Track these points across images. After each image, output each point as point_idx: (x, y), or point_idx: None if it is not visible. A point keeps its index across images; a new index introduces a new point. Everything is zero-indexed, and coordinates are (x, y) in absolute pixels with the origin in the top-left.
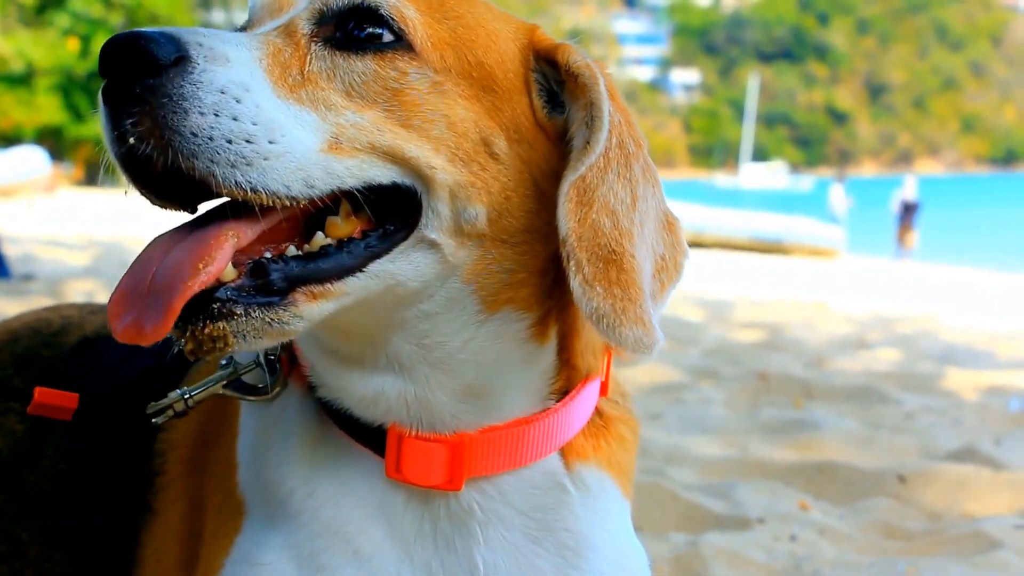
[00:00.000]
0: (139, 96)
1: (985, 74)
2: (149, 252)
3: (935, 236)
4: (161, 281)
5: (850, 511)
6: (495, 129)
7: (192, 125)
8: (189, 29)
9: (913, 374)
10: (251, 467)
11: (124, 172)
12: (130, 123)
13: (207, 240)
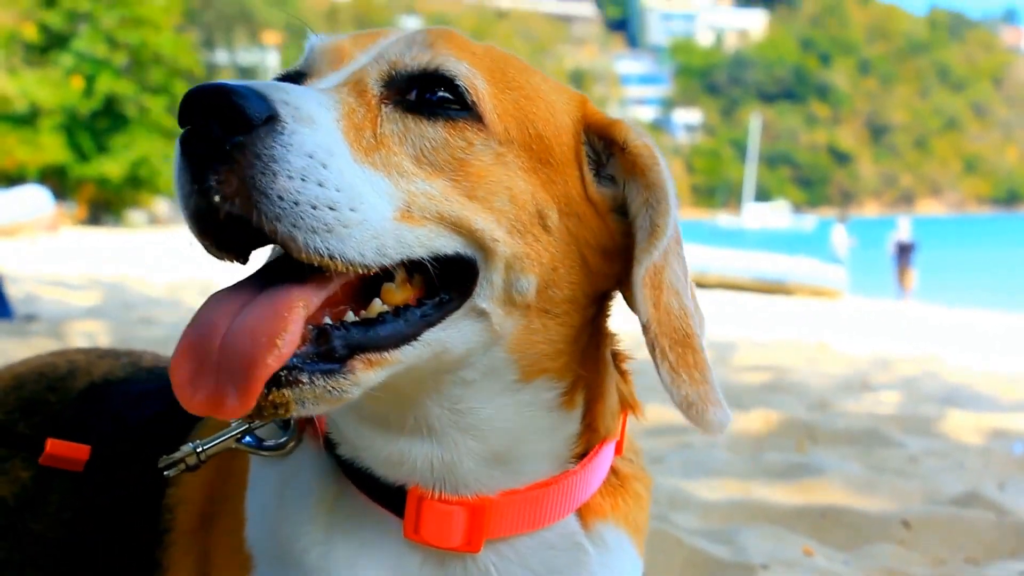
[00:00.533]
0: (228, 154)
1: (987, 115)
2: (213, 314)
3: (937, 277)
4: (237, 353)
5: (855, 556)
6: (549, 201)
7: (280, 188)
8: (271, 85)
9: (916, 416)
10: (261, 522)
11: (193, 224)
12: (215, 180)
13: (279, 309)
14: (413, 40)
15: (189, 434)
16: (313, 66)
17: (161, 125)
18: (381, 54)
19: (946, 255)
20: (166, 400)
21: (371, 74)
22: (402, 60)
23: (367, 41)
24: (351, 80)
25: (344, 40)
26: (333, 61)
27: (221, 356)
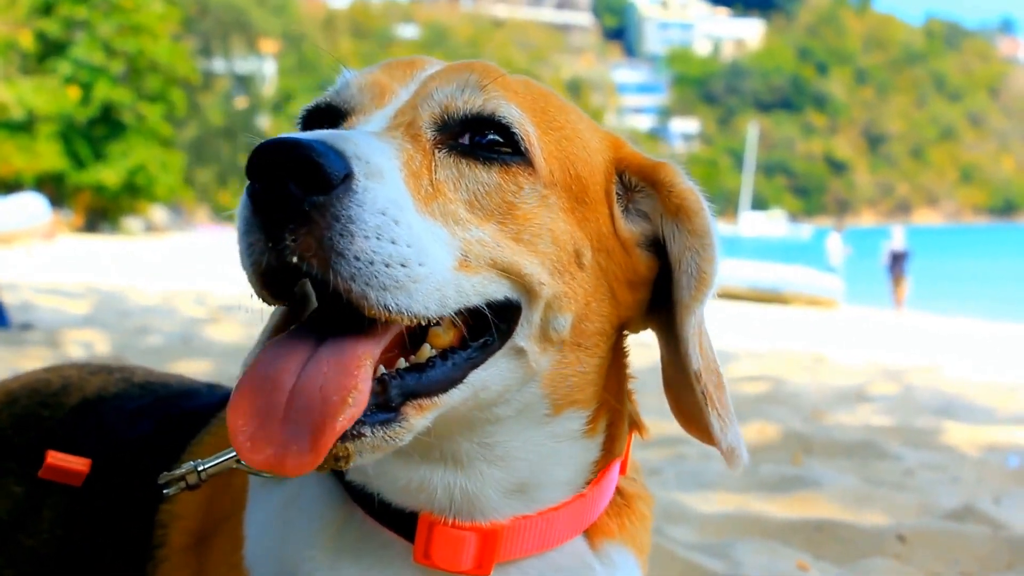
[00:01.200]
0: (306, 214)
1: (983, 125)
2: (275, 368)
3: (934, 286)
4: (306, 412)
5: (849, 571)
6: (584, 240)
7: (356, 249)
8: (339, 136)
9: (912, 428)
10: (262, 543)
11: (257, 277)
12: (292, 240)
13: (348, 366)
14: (465, 82)
15: (182, 453)
16: (353, 102)
17: (158, 133)
18: (430, 94)
19: (942, 265)
20: (158, 418)
21: (423, 116)
22: (454, 103)
23: (403, 74)
24: (403, 122)
25: (379, 74)
26: (375, 96)
27: (288, 413)
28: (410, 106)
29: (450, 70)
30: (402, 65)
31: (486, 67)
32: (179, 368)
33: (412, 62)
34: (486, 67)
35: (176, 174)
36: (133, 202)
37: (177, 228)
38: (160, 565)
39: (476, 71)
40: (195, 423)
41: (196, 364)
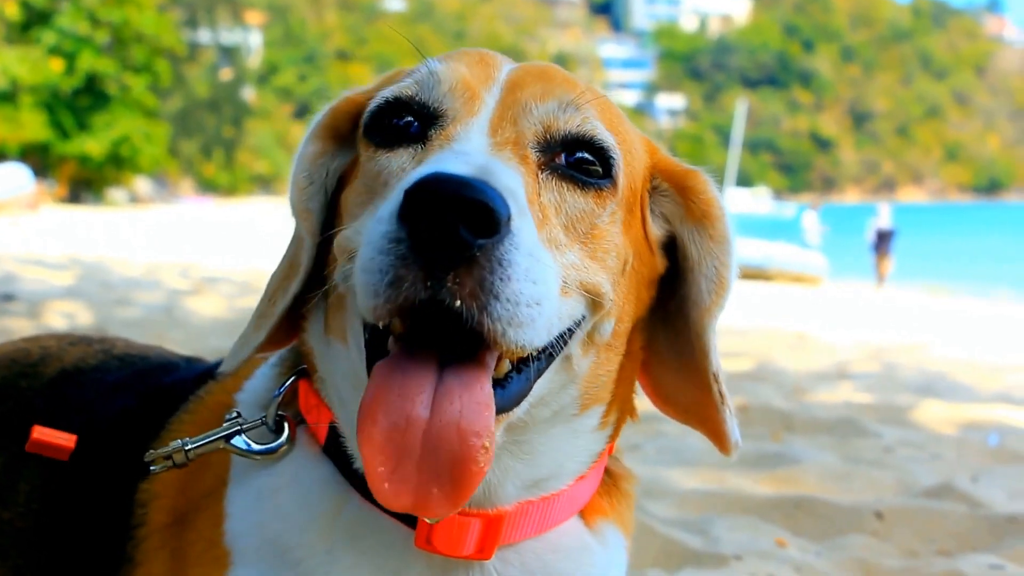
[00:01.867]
0: (472, 257)
1: (969, 103)
2: (406, 397)
3: (918, 264)
4: (446, 454)
5: (827, 548)
6: (630, 248)
7: (510, 291)
8: (488, 168)
9: (892, 406)
10: (246, 521)
11: (399, 308)
12: (452, 282)
13: (479, 402)
14: (565, 100)
15: (161, 430)
16: (444, 104)
17: (143, 104)
18: (528, 109)
19: (927, 243)
20: (137, 392)
21: (527, 135)
22: (556, 123)
23: (484, 74)
24: (508, 139)
25: (463, 70)
26: (466, 101)
27: (425, 455)
28: (508, 120)
29: (531, 76)
30: (477, 61)
31: (566, 77)
32: (162, 340)
33: (483, 58)
34: (566, 77)
35: (160, 145)
36: (117, 173)
37: (161, 200)
38: (140, 544)
39: (569, 84)
40: (174, 399)
41: (179, 336)
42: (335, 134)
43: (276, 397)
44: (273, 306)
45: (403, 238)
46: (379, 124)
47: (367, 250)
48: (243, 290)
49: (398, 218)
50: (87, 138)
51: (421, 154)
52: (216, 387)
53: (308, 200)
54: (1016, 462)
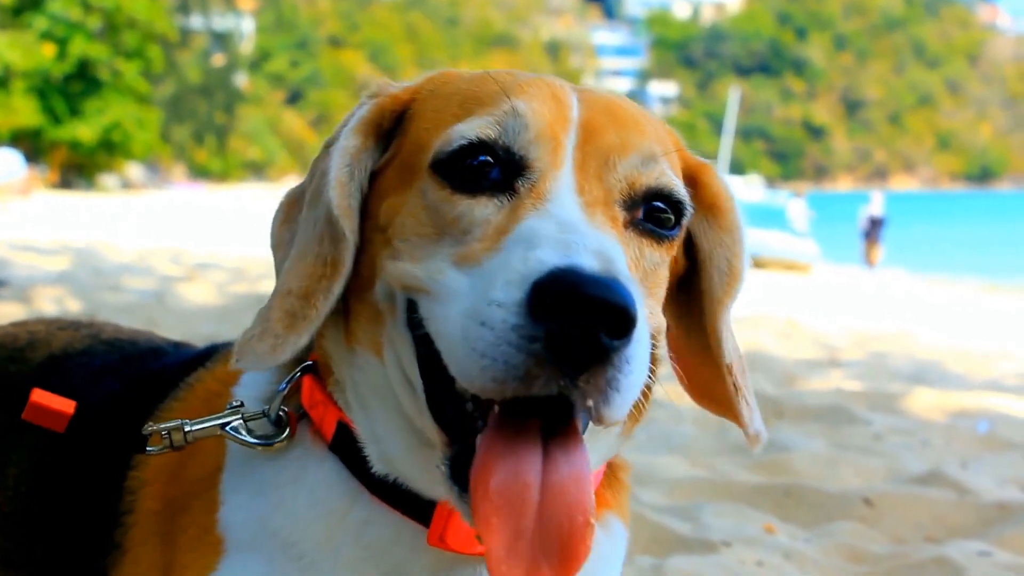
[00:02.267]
0: (608, 359)
1: (961, 92)
2: (519, 477)
3: (910, 252)
4: (555, 533)
5: (816, 535)
6: (669, 260)
7: (629, 384)
8: (611, 258)
9: (883, 393)
10: (242, 510)
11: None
12: (585, 381)
13: (583, 480)
14: (648, 155)
15: (149, 416)
16: (531, 153)
17: (135, 89)
18: (612, 165)
19: (918, 231)
20: (125, 377)
21: (614, 194)
22: (639, 179)
23: (559, 112)
24: (597, 199)
25: (545, 113)
26: (552, 149)
27: (537, 532)
28: (593, 175)
29: (604, 117)
30: (551, 97)
31: (634, 116)
32: (153, 326)
33: (555, 93)
34: (634, 116)
35: (153, 131)
36: (109, 159)
37: (153, 185)
38: (129, 531)
39: (639, 131)
40: (162, 385)
41: (170, 322)
42: (377, 130)
43: (281, 391)
44: (314, 308)
45: (539, 337)
46: (455, 164)
47: (484, 332)
48: (235, 276)
49: (531, 315)
50: (79, 124)
51: (511, 209)
52: (206, 375)
53: (350, 197)
54: (1005, 449)
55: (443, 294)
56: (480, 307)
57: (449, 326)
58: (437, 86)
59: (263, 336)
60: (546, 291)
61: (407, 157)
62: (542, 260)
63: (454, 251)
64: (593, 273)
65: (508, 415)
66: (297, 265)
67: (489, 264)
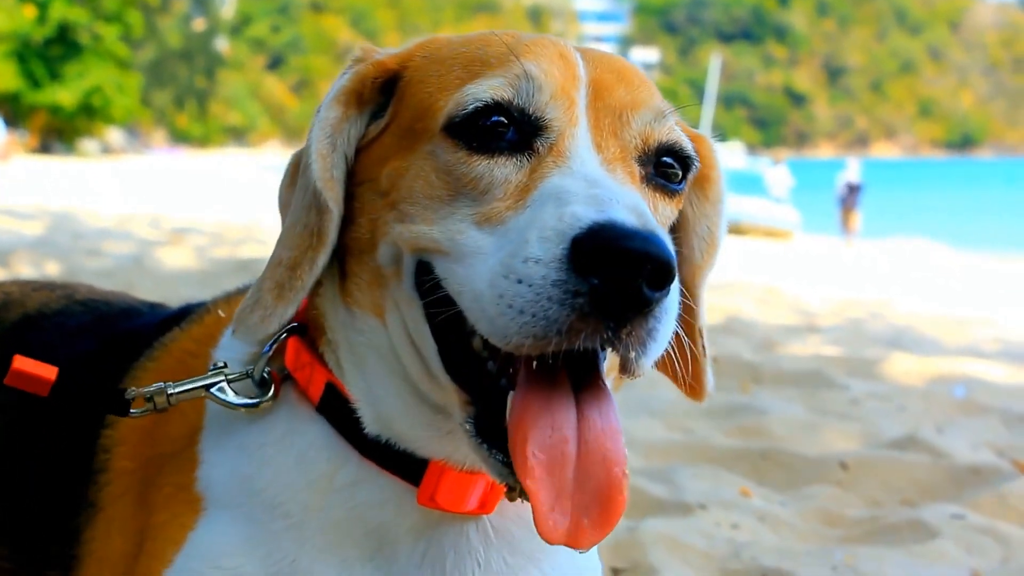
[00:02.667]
0: (649, 310)
1: (943, 59)
2: (554, 437)
3: (889, 219)
4: (594, 487)
5: (792, 498)
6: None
7: (666, 334)
8: (644, 212)
9: (860, 359)
10: (223, 470)
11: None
12: (627, 332)
13: (615, 433)
14: (658, 111)
15: (124, 375)
16: (548, 114)
17: (115, 54)
18: (627, 121)
19: (899, 197)
20: (99, 337)
21: (629, 149)
22: (652, 135)
23: (568, 71)
24: (615, 156)
25: (556, 74)
26: (566, 108)
27: (577, 487)
28: (608, 131)
29: (611, 76)
30: (559, 57)
31: (639, 74)
32: (131, 291)
33: (562, 53)
34: (639, 74)
35: (133, 96)
36: (89, 123)
37: (133, 150)
38: (103, 489)
39: (645, 89)
40: (137, 344)
41: (149, 287)
42: (359, 98)
43: (266, 352)
44: (299, 278)
45: (583, 292)
46: (470, 125)
47: (521, 289)
48: (215, 241)
49: (573, 270)
50: (59, 88)
51: (531, 168)
52: (181, 335)
53: (332, 167)
54: (981, 414)
55: (465, 253)
56: (515, 264)
57: (477, 284)
58: (431, 51)
59: (255, 307)
60: (588, 246)
61: (408, 122)
62: (578, 216)
63: (474, 211)
64: (634, 227)
65: (538, 371)
66: (287, 235)
67: (516, 222)
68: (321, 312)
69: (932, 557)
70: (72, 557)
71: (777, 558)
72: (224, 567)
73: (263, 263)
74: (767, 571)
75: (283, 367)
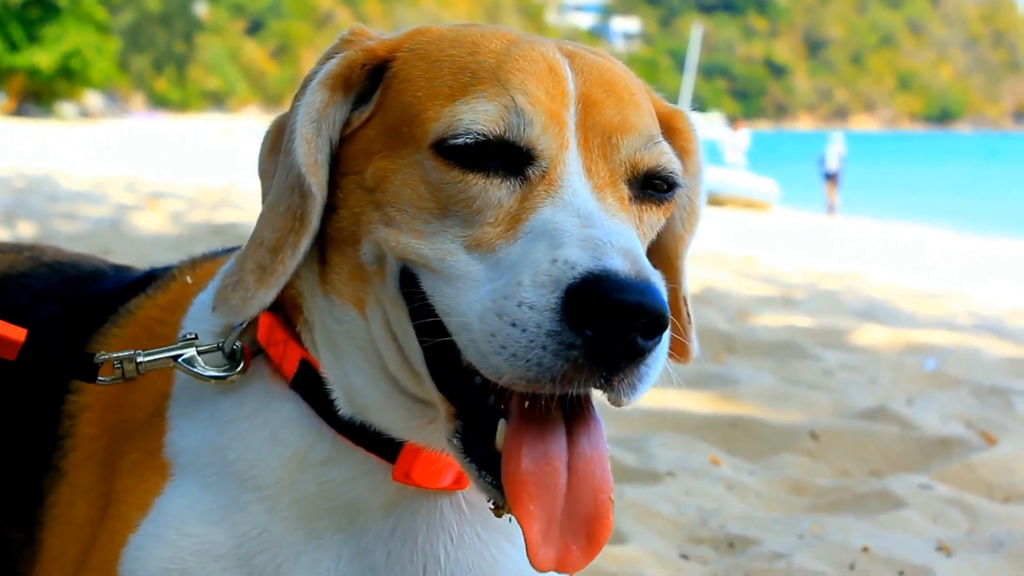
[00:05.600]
0: (641, 358)
1: (923, 32)
2: (547, 463)
3: (868, 192)
4: (582, 514)
5: (761, 467)
6: None
7: (656, 373)
8: (639, 259)
9: (834, 330)
10: (194, 438)
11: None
12: (619, 379)
13: (603, 461)
14: (648, 137)
15: (89, 340)
16: (539, 145)
17: (93, 17)
18: (616, 146)
19: (878, 171)
20: (64, 300)
21: (618, 173)
22: (641, 160)
23: (557, 90)
24: (605, 182)
25: (544, 99)
26: (557, 134)
27: (566, 515)
28: (598, 154)
29: (600, 90)
30: (547, 73)
31: (629, 86)
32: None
33: (551, 68)
34: (629, 86)
35: (111, 59)
36: (67, 87)
37: (112, 115)
38: (68, 455)
39: (636, 107)
40: (102, 308)
41: (124, 250)
42: (346, 83)
43: (238, 327)
44: (281, 262)
45: (577, 345)
46: (461, 150)
47: (514, 332)
48: (191, 205)
49: (567, 322)
50: (37, 50)
51: (522, 195)
52: (147, 302)
53: (317, 152)
54: (951, 386)
55: (454, 276)
56: (508, 306)
57: (466, 313)
58: (421, 45)
59: (236, 287)
60: (582, 298)
61: (394, 121)
62: (573, 264)
63: (464, 233)
64: (628, 278)
65: (531, 400)
66: (270, 214)
67: (508, 254)
68: (300, 293)
69: (898, 527)
70: (36, 520)
71: (744, 526)
72: (191, 534)
73: (239, 228)
74: (733, 539)
75: (255, 341)
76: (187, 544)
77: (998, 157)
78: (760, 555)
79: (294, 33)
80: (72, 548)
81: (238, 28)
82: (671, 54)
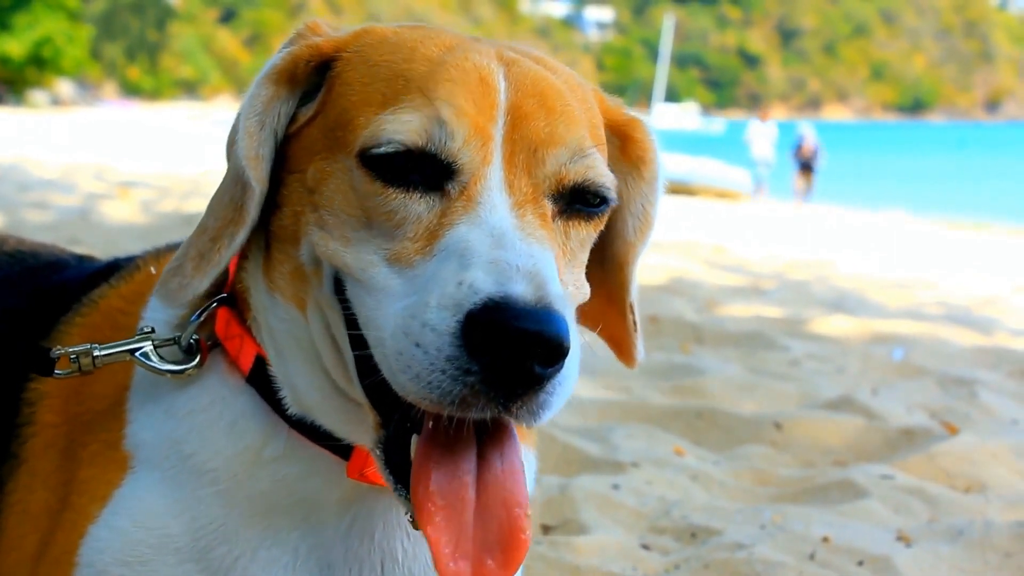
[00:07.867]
0: (541, 385)
1: (896, 22)
2: (455, 479)
3: (840, 182)
4: (495, 527)
5: (725, 457)
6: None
7: (560, 400)
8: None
9: (802, 320)
10: (153, 431)
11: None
12: (519, 406)
13: (517, 474)
14: (575, 150)
15: (51, 330)
16: (461, 159)
17: (65, 4)
18: (541, 160)
19: (850, 160)
20: (26, 290)
21: (541, 187)
22: (568, 175)
23: (486, 102)
24: (526, 197)
25: (471, 111)
26: (480, 147)
27: (478, 529)
28: (522, 168)
29: (531, 101)
30: (478, 83)
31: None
32: (75, 244)
33: (483, 78)
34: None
35: (83, 47)
36: (39, 75)
37: (84, 102)
38: (26, 442)
39: (568, 118)
40: (63, 298)
41: (93, 240)
42: (291, 79)
43: (195, 321)
44: (218, 252)
45: (474, 371)
46: (382, 161)
47: (417, 354)
48: (162, 194)
49: (465, 348)
50: (8, 38)
51: (441, 211)
52: (110, 292)
53: (259, 146)
54: (917, 376)
55: (373, 288)
56: (413, 325)
57: (381, 327)
58: (364, 47)
59: (176, 272)
60: (480, 324)
61: (332, 123)
62: (476, 288)
63: (386, 246)
64: (526, 306)
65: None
66: (216, 204)
67: (423, 270)
68: (246, 288)
69: (859, 516)
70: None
71: (707, 516)
72: (149, 527)
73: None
74: (696, 529)
75: (212, 335)
76: (145, 537)
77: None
78: (721, 545)
79: (267, 22)
80: (30, 537)
81: (211, 16)
82: (644, 43)
